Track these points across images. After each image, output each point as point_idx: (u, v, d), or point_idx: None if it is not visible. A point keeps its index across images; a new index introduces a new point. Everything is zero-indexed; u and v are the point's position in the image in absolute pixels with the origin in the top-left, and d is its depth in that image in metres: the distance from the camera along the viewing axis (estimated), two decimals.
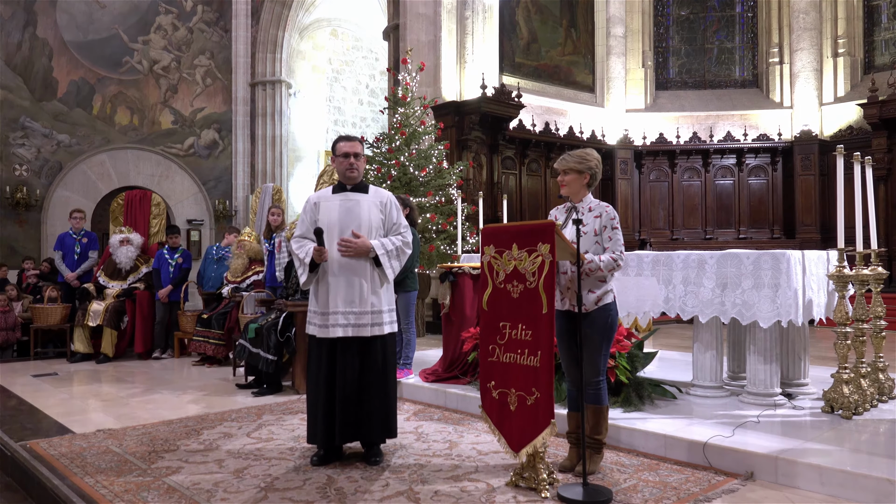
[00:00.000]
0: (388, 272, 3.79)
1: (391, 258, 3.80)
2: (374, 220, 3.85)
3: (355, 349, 3.75)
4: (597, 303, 3.44)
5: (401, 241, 3.87)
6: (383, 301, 3.84)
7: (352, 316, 3.74)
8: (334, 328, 3.74)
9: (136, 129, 14.37)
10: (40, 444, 4.16)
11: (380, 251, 3.75)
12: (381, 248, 3.77)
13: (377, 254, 3.74)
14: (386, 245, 3.79)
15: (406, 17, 11.37)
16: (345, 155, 3.88)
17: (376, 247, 3.75)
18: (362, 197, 3.90)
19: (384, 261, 3.76)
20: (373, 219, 3.85)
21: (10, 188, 12.72)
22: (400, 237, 3.88)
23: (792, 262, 4.19)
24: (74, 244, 8.47)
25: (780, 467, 3.35)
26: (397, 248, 3.84)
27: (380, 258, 3.75)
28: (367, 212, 3.85)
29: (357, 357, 3.75)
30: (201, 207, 15.10)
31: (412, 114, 9.65)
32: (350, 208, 3.84)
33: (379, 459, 3.73)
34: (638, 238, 13.57)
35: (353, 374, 3.74)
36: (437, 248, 8.93)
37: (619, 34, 14.33)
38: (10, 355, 8.47)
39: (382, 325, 3.81)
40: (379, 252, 3.75)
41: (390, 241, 3.82)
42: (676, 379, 5.12)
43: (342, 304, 3.75)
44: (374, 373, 3.77)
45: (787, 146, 13.63)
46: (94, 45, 13.86)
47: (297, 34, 16.12)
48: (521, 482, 3.29)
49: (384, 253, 3.77)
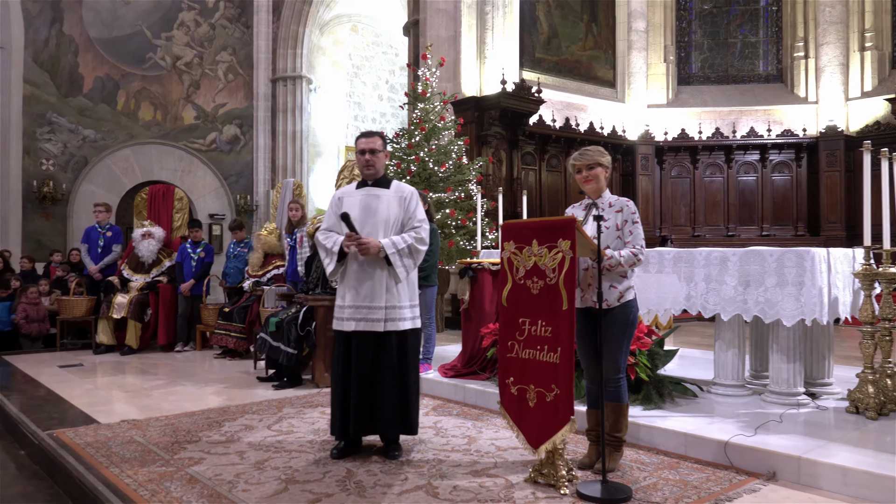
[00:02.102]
0: (400, 271, 3.76)
1: (402, 256, 3.76)
2: (392, 216, 3.85)
3: (369, 344, 3.77)
4: (618, 299, 3.43)
5: (413, 237, 3.81)
6: (402, 297, 3.83)
7: (363, 310, 3.76)
8: (348, 322, 3.79)
9: (159, 124, 14.53)
10: (66, 434, 4.23)
11: (390, 250, 3.73)
12: (392, 248, 3.74)
13: (387, 253, 3.72)
14: (397, 244, 3.76)
15: (426, 12, 11.36)
16: (361, 152, 3.92)
17: (386, 246, 3.72)
18: (383, 192, 3.91)
19: (394, 260, 3.73)
20: (391, 214, 3.85)
21: (38, 182, 12.94)
22: (413, 233, 3.83)
23: (816, 259, 4.14)
24: (99, 238, 8.60)
25: (803, 467, 3.32)
26: (409, 246, 3.79)
27: (390, 257, 3.73)
28: (387, 207, 3.86)
29: (371, 351, 3.77)
30: (223, 202, 15.25)
31: (432, 109, 9.65)
32: (369, 203, 3.86)
33: (397, 454, 3.74)
34: (659, 235, 13.44)
35: (367, 368, 3.76)
36: (457, 244, 8.94)
37: (640, 29, 14.20)
38: (39, 346, 8.64)
39: (398, 320, 3.79)
40: (389, 251, 3.72)
41: (402, 240, 3.78)
42: (697, 377, 5.07)
43: (354, 299, 3.78)
44: (388, 368, 3.77)
45: (811, 142, 13.42)
46: (118, 42, 14.03)
47: (318, 30, 16.18)
48: (540, 478, 3.29)
49: (395, 252, 3.74)
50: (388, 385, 3.77)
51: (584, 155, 3.56)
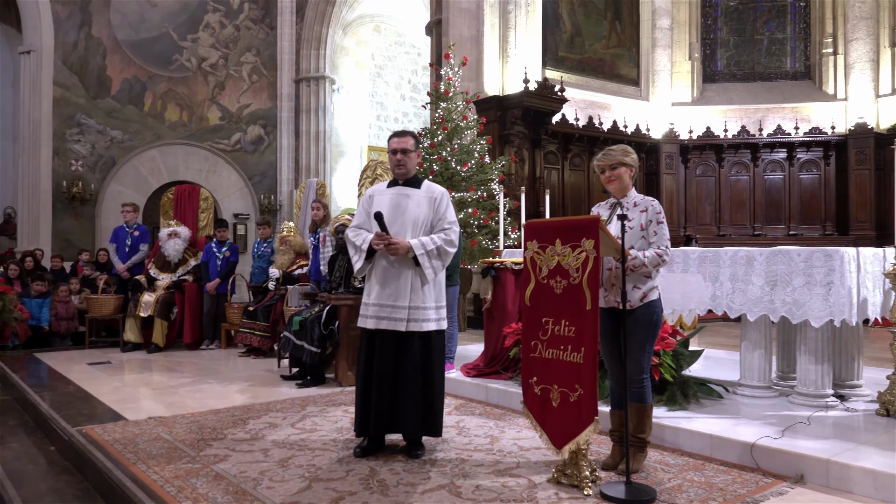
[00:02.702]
0: (428, 272, 3.75)
1: (431, 258, 3.75)
2: (421, 216, 3.85)
3: (391, 343, 3.77)
4: (642, 299, 3.40)
5: (443, 239, 3.80)
6: (428, 298, 3.81)
7: (387, 309, 3.76)
8: (371, 319, 3.80)
9: (185, 125, 14.72)
10: (95, 430, 4.31)
11: (419, 251, 3.72)
12: (421, 248, 3.73)
13: (416, 254, 3.72)
14: (426, 245, 3.75)
15: (448, 11, 11.37)
16: (392, 151, 3.94)
17: (415, 246, 3.72)
18: (413, 191, 3.91)
19: (423, 261, 3.72)
20: (420, 214, 3.85)
21: (67, 183, 13.18)
22: (443, 234, 3.82)
23: (846, 259, 4.07)
24: (126, 237, 8.74)
25: (832, 471, 3.26)
26: (438, 248, 3.77)
27: (418, 258, 3.72)
28: (416, 206, 3.86)
29: (393, 351, 3.77)
30: (247, 202, 15.39)
31: (454, 109, 9.65)
32: (399, 203, 3.87)
33: (420, 454, 3.75)
34: (683, 234, 13.31)
35: (388, 367, 3.76)
36: (479, 244, 8.93)
37: (664, 26, 14.06)
38: (68, 344, 8.81)
39: (421, 321, 3.78)
40: (418, 252, 3.71)
41: (431, 241, 3.77)
42: (723, 378, 5.02)
43: (379, 297, 3.79)
44: (410, 368, 3.77)
45: (840, 140, 13.18)
46: (145, 44, 14.24)
47: (341, 30, 16.26)
48: (564, 479, 3.27)
49: (423, 253, 3.73)
50: (409, 385, 3.77)
51: (607, 155, 3.55)
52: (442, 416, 3.94)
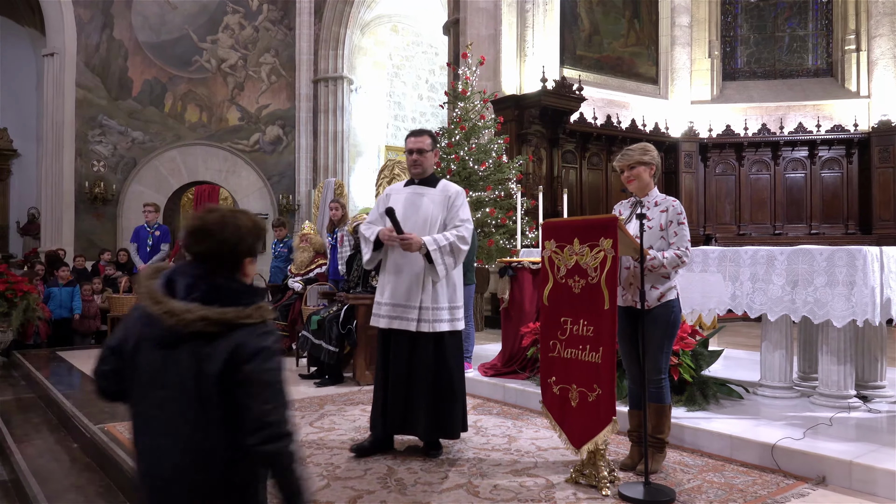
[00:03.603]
0: (440, 268, 3.69)
1: (444, 254, 3.70)
2: (435, 214, 3.83)
3: (405, 343, 3.75)
4: (659, 299, 3.37)
5: (455, 235, 3.75)
6: (441, 298, 3.78)
7: (398, 308, 3.75)
8: (383, 319, 3.80)
9: (204, 125, 14.85)
10: (117, 428, 4.36)
11: (431, 247, 3.67)
12: (434, 244, 3.68)
13: (429, 249, 3.67)
14: (439, 241, 3.70)
15: (466, 11, 11.36)
16: (409, 151, 3.94)
17: (428, 242, 3.67)
18: (428, 190, 3.91)
19: (435, 257, 3.67)
20: (434, 213, 3.83)
21: (89, 183, 13.36)
22: (455, 231, 3.78)
23: (869, 258, 4.01)
24: (147, 237, 8.83)
25: (855, 472, 3.22)
26: (451, 244, 3.73)
27: (431, 254, 3.67)
28: (430, 205, 3.85)
29: (406, 351, 3.75)
30: (266, 202, 15.50)
31: (472, 108, 9.64)
32: (414, 201, 3.87)
33: (435, 453, 3.74)
34: (703, 233, 13.19)
35: (402, 367, 3.74)
36: (497, 243, 8.91)
37: (684, 24, 13.95)
38: (90, 342, 8.93)
39: (434, 322, 3.74)
40: (431, 248, 3.67)
41: (444, 237, 3.73)
42: (743, 378, 4.97)
43: (392, 297, 3.79)
44: (423, 369, 3.74)
45: (863, 137, 12.98)
46: (165, 46, 14.39)
47: (359, 31, 16.32)
48: (582, 479, 3.26)
49: (436, 248, 3.68)
50: (421, 386, 3.73)
51: (625, 155, 3.53)
52: (462, 418, 3.87)
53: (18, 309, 7.58)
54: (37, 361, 7.27)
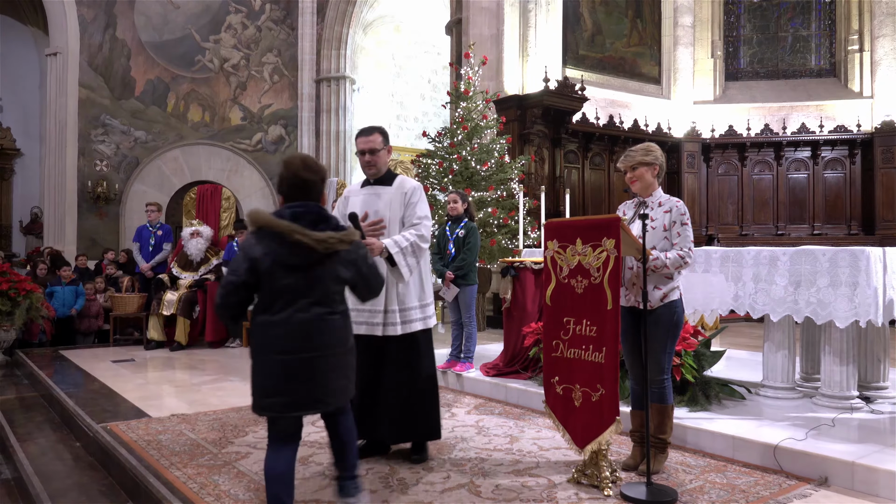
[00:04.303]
0: (404, 270, 3.56)
1: (406, 255, 3.56)
2: (393, 214, 3.69)
3: (371, 348, 3.62)
4: (662, 299, 3.37)
5: (415, 234, 3.60)
6: (410, 297, 3.67)
7: (364, 314, 3.61)
8: None
9: (207, 125, 14.88)
10: (119, 427, 4.37)
11: (393, 249, 3.53)
12: (395, 247, 3.54)
13: (391, 252, 3.53)
14: (399, 242, 3.56)
15: (469, 11, 11.37)
16: (360, 152, 3.75)
17: (389, 245, 3.52)
18: (385, 190, 3.75)
19: (398, 259, 3.54)
20: (393, 213, 3.70)
21: (92, 183, 13.40)
22: (414, 230, 3.62)
23: (872, 259, 4.00)
24: (150, 236, 8.84)
25: (858, 473, 3.22)
26: (412, 245, 3.57)
27: (393, 256, 3.53)
28: (388, 206, 3.71)
29: (372, 356, 3.62)
30: (268, 202, 15.51)
31: (474, 108, 9.65)
32: (371, 203, 3.73)
33: (416, 458, 3.64)
34: (705, 233, 13.18)
35: (367, 372, 3.60)
36: (499, 243, 8.92)
37: (687, 24, 13.94)
38: (92, 341, 8.94)
39: (404, 323, 3.63)
40: (393, 251, 3.53)
41: (404, 238, 3.59)
42: (745, 379, 4.96)
43: (354, 302, 3.66)
44: (392, 372, 3.64)
45: (866, 138, 12.97)
46: (168, 45, 14.42)
47: (361, 30, 16.32)
48: (584, 479, 3.26)
49: (398, 251, 3.54)
50: (389, 390, 3.63)
51: (627, 156, 3.53)
52: (437, 416, 3.78)
53: (21, 308, 7.59)
54: (40, 360, 7.29)
